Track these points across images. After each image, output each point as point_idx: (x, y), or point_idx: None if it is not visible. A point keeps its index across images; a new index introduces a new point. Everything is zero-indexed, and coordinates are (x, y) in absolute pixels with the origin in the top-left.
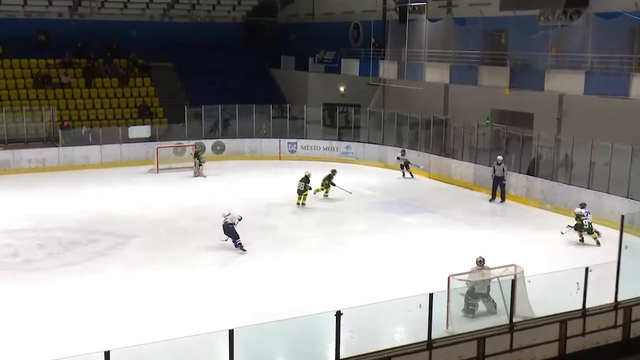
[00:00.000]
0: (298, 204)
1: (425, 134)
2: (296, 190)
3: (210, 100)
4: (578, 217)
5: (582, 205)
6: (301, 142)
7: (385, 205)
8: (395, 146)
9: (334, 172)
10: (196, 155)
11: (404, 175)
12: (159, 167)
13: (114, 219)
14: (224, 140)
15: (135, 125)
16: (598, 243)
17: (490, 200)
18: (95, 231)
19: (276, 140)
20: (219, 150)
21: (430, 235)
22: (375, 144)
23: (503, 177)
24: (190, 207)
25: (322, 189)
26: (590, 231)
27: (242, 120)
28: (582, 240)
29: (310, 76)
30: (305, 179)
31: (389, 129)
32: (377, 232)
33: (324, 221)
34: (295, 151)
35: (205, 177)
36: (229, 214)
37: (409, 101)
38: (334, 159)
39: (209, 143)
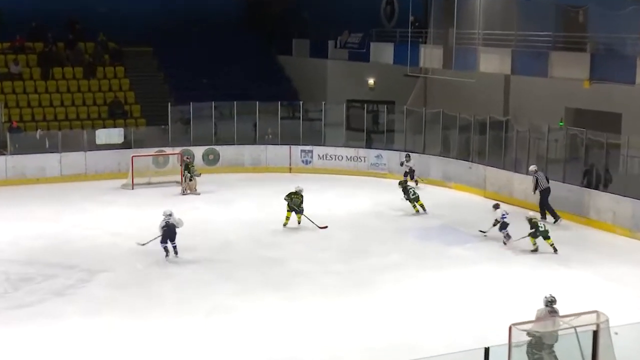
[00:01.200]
0: (286, 224)
1: (479, 140)
2: (289, 207)
3: (200, 96)
4: (531, 221)
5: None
6: (318, 150)
7: (426, 232)
8: (439, 155)
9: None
10: (187, 167)
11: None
12: (135, 181)
13: (76, 249)
14: (218, 148)
15: (104, 127)
16: (555, 250)
17: (555, 222)
18: (53, 264)
19: (286, 148)
20: (211, 160)
21: (485, 271)
22: (414, 152)
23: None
24: (179, 230)
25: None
26: (546, 236)
27: (241, 122)
28: (536, 249)
29: (330, 65)
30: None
31: (432, 134)
32: (415, 267)
33: (345, 252)
34: (310, 162)
35: (198, 194)
36: (170, 214)
37: (459, 97)
38: (360, 172)
39: (198, 151)
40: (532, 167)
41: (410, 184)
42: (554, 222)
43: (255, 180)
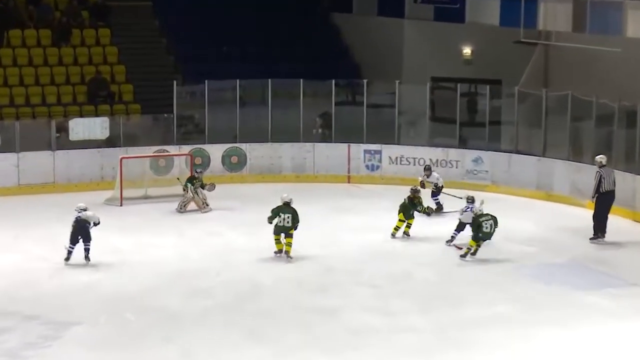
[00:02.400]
0: (280, 250)
1: (626, 136)
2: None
3: (219, 71)
4: (477, 221)
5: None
6: (389, 151)
7: (545, 271)
8: (567, 159)
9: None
10: (191, 180)
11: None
12: (125, 194)
13: (39, 292)
14: (244, 147)
15: (81, 116)
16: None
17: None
18: (5, 314)
19: (343, 148)
20: (235, 164)
21: (634, 330)
22: (531, 154)
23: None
24: (181, 271)
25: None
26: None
27: (278, 110)
28: (474, 252)
29: (408, 27)
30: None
31: (555, 127)
32: (529, 322)
33: (427, 299)
34: (378, 167)
35: (208, 210)
36: (85, 209)
37: (596, 75)
38: (451, 183)
39: (216, 151)
40: (600, 158)
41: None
42: (594, 238)
43: (297, 194)
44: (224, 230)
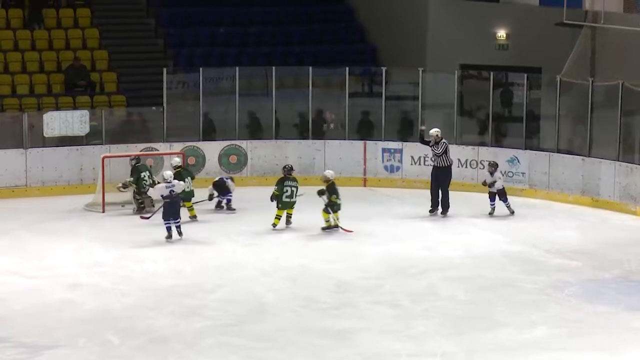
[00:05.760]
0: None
1: None
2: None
3: (215, 56)
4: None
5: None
6: (411, 150)
7: (593, 288)
8: (617, 160)
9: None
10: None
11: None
12: (107, 199)
13: (8, 311)
14: (245, 145)
15: (57, 109)
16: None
17: None
18: None
19: (358, 145)
20: (234, 164)
21: None
22: (574, 154)
23: None
24: (171, 288)
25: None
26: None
27: (284, 101)
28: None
29: (433, 6)
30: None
31: (603, 122)
32: (574, 346)
33: (456, 320)
34: (398, 168)
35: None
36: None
37: None
38: (482, 187)
39: (213, 149)
40: None
41: None
42: None
43: (306, 198)
44: (222, 241)
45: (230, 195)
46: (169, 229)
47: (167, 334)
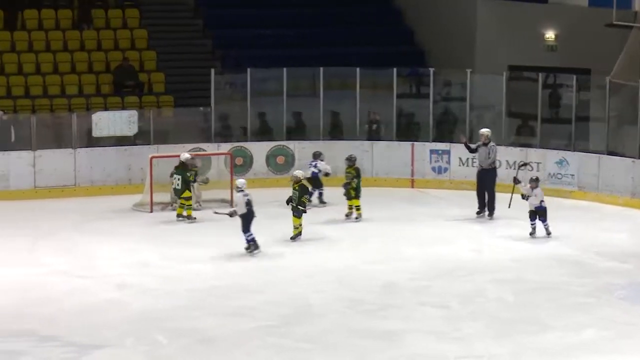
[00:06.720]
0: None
1: None
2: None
3: (263, 58)
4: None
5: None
6: (459, 151)
7: None
8: None
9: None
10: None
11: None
12: (156, 199)
13: (56, 310)
14: (292, 145)
15: (106, 109)
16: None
17: None
18: (18, 335)
19: (405, 147)
20: (281, 165)
21: None
22: (624, 156)
23: None
24: (218, 289)
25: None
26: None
27: (331, 103)
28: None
29: (482, 7)
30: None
31: None
32: (626, 350)
33: (504, 323)
34: (446, 170)
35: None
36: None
37: None
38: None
39: (261, 150)
40: None
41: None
42: None
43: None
44: (268, 242)
45: (322, 189)
46: (253, 240)
47: (214, 335)
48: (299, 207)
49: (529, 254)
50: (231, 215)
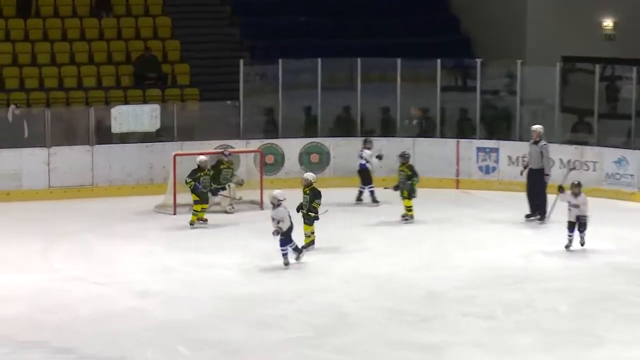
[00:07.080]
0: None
1: None
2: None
3: (296, 47)
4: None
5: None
6: (508, 149)
7: None
8: None
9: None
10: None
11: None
12: (179, 200)
13: (72, 320)
14: (328, 142)
15: (126, 103)
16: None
17: None
18: (33, 346)
19: (450, 144)
20: (315, 163)
21: None
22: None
23: None
24: (246, 297)
25: None
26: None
27: (369, 96)
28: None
29: None
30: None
31: None
32: None
33: (558, 335)
34: (494, 169)
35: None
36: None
37: None
38: (587, 190)
39: (293, 147)
40: None
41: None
42: None
43: (392, 201)
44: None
45: (373, 187)
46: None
47: (242, 346)
48: (309, 213)
49: (583, 261)
50: (278, 234)
